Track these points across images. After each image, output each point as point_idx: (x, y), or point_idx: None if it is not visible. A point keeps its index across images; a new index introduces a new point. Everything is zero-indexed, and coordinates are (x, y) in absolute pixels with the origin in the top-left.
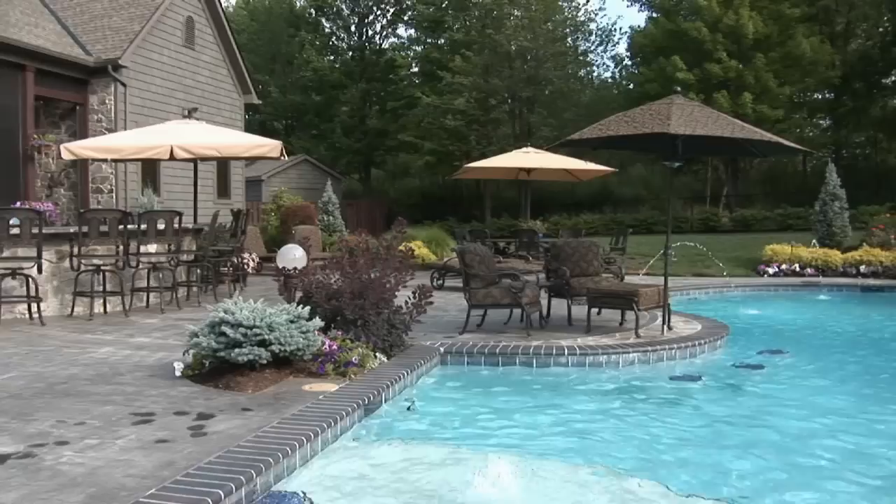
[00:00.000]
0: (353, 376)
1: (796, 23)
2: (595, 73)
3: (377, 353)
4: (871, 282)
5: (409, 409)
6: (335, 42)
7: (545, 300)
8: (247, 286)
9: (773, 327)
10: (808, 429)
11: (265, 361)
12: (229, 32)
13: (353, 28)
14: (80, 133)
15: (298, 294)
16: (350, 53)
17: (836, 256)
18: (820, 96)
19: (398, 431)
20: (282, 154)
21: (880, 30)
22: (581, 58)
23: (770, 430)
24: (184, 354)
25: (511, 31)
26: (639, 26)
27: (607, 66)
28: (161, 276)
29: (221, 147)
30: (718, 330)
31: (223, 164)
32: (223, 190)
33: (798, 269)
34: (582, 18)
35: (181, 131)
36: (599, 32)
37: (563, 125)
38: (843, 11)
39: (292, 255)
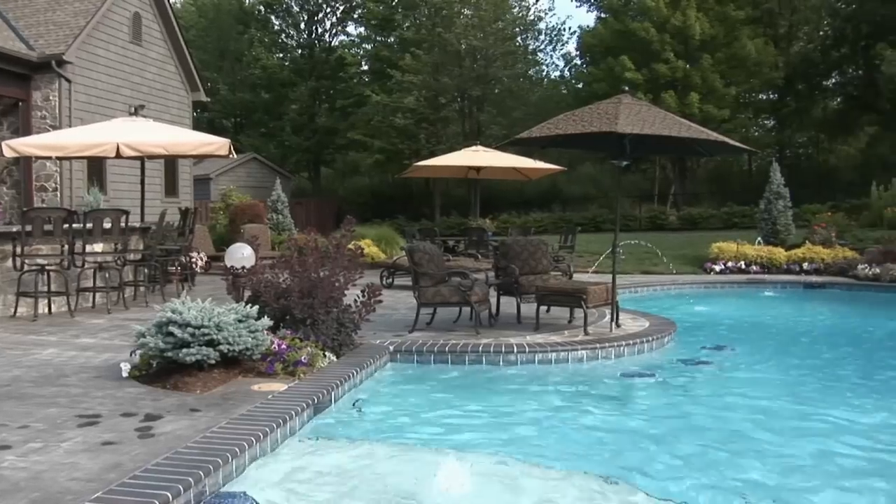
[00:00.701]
0: (302, 376)
1: (741, 25)
2: (544, 73)
3: (326, 353)
4: (814, 279)
5: (355, 406)
6: (284, 40)
7: (494, 298)
8: (195, 285)
9: (719, 324)
10: (753, 422)
11: (213, 361)
12: (177, 29)
13: (302, 26)
14: (23, 130)
15: (247, 293)
16: (299, 51)
17: (780, 254)
18: (764, 97)
19: (348, 430)
20: (230, 152)
21: (821, 33)
22: (530, 57)
23: (717, 425)
24: (131, 355)
25: (461, 30)
26: (588, 26)
27: (556, 65)
28: (107, 275)
29: (169, 145)
30: (666, 327)
31: (171, 163)
32: (171, 188)
33: (744, 266)
34: (531, 18)
35: (128, 129)
36: (549, 32)
37: (512, 124)
38: (785, 15)
39: (241, 254)
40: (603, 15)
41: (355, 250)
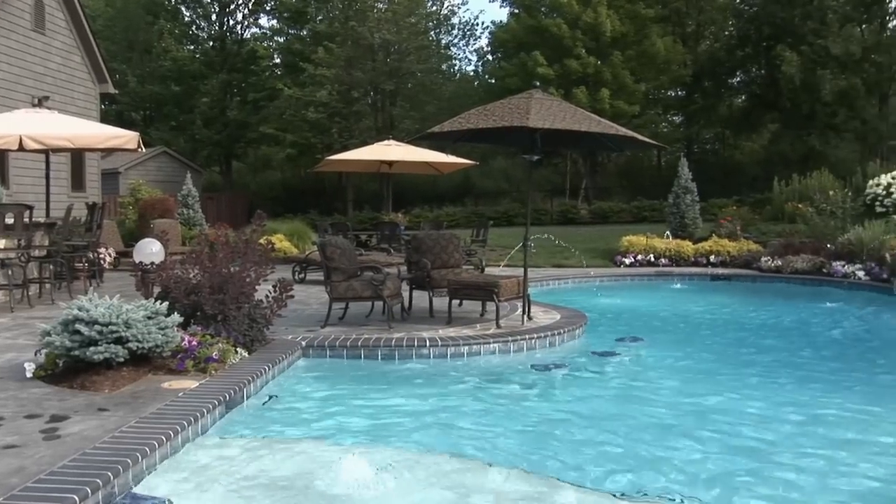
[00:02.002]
0: (213, 372)
1: (651, 23)
2: (457, 67)
3: (238, 349)
4: (720, 271)
5: (267, 403)
6: (195, 31)
7: (407, 292)
8: (103, 282)
9: (629, 316)
10: (663, 410)
11: (122, 359)
12: (83, 17)
13: (213, 17)
14: None
15: (157, 289)
16: (210, 43)
17: (688, 247)
18: (673, 94)
19: (260, 427)
20: (139, 146)
21: (726, 33)
22: (444, 52)
23: (628, 413)
24: (36, 354)
25: (374, 24)
26: (501, 21)
27: (470, 60)
28: (10, 272)
29: (75, 138)
30: (577, 319)
31: (77, 156)
32: (78, 183)
33: (653, 259)
34: (445, 12)
35: (31, 120)
36: (462, 27)
37: (425, 118)
38: (693, 14)
39: (150, 250)
40: (515, 10)
41: (266, 245)
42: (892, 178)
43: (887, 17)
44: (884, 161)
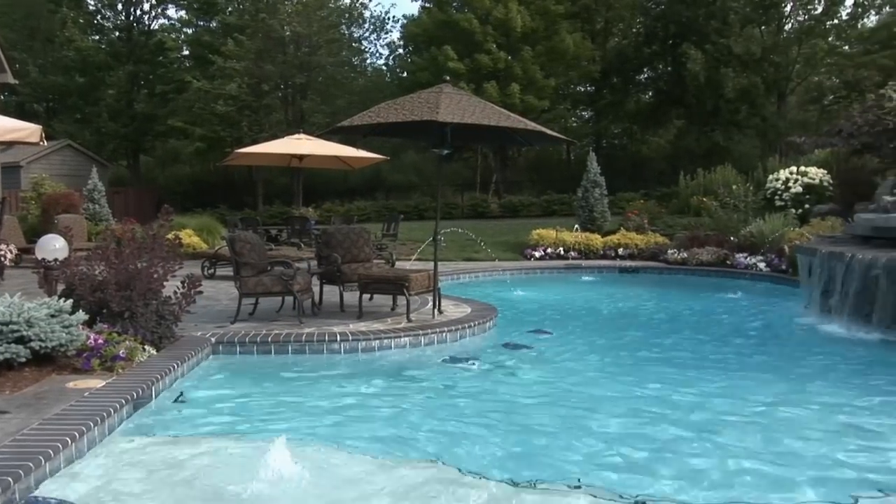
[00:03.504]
0: (121, 371)
1: (561, 19)
2: (368, 61)
3: (146, 346)
4: (628, 263)
5: (176, 401)
6: (100, 21)
7: (317, 287)
8: (4, 280)
9: (540, 308)
10: (572, 400)
11: (24, 359)
12: None
13: (119, 6)
14: None
15: (60, 287)
16: (116, 33)
17: (596, 240)
18: (582, 89)
19: (170, 425)
20: (41, 139)
21: (634, 30)
22: (355, 45)
23: (538, 404)
24: None
25: (285, 17)
26: (412, 15)
27: (381, 54)
28: None
29: None
30: (487, 312)
31: None
32: None
33: (562, 252)
34: (356, 5)
35: None
36: (373, 20)
37: (336, 112)
38: (602, 11)
39: (53, 246)
40: (427, 5)
41: (174, 241)
42: (790, 174)
43: (784, 20)
44: (782, 157)
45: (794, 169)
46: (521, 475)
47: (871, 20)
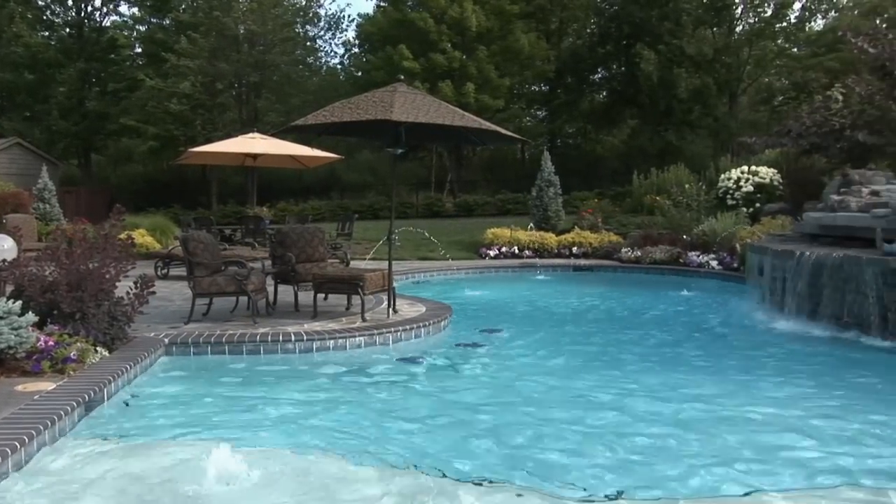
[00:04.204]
0: (72, 373)
1: (516, 19)
2: (323, 60)
3: (98, 348)
4: (582, 262)
5: (129, 403)
6: (50, 17)
7: (272, 287)
8: None
9: (494, 307)
10: (525, 397)
11: None
12: None
13: (70, 2)
14: None
15: (9, 288)
16: (67, 30)
17: (551, 239)
18: (537, 89)
19: (123, 428)
20: None
21: (588, 31)
22: (309, 44)
23: (492, 402)
24: None
25: (239, 15)
26: (367, 14)
27: (336, 52)
28: None
29: None
30: (442, 311)
31: None
32: None
33: (517, 251)
34: (311, 4)
35: None
36: (328, 19)
37: (290, 111)
38: (556, 11)
39: (1, 247)
40: (382, 4)
41: (126, 241)
42: (742, 173)
43: (735, 22)
44: (734, 157)
45: (745, 168)
46: (463, 472)
47: (818, 24)
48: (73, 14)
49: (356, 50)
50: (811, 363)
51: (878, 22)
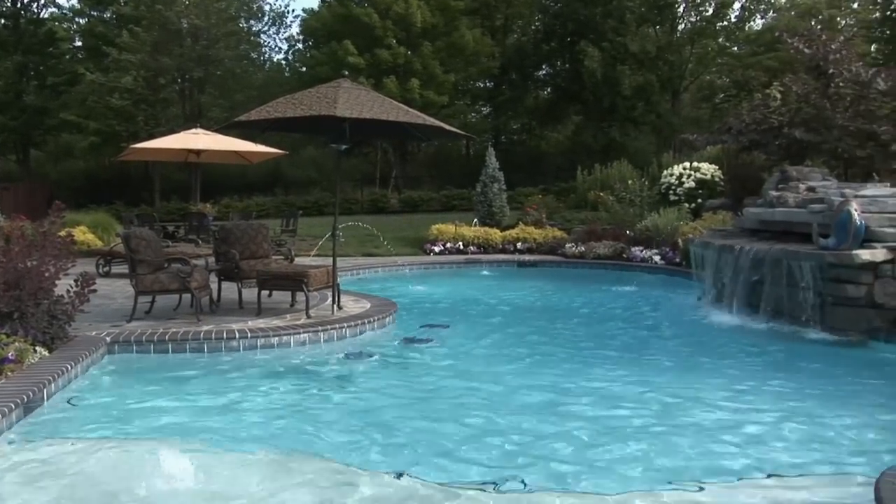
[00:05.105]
0: (10, 374)
1: (461, 15)
2: (267, 55)
3: (38, 347)
4: (527, 257)
5: (70, 402)
6: None
7: (215, 284)
8: None
9: (439, 302)
10: (470, 393)
11: None
12: None
13: None
14: None
15: None
16: (2, 21)
17: (495, 235)
18: (481, 85)
19: (64, 429)
20: None
21: (533, 27)
22: (253, 39)
23: (437, 397)
24: None
25: (182, 8)
26: (312, 9)
27: (280, 48)
28: None
29: None
30: (387, 307)
31: None
32: None
33: (462, 247)
34: None
35: None
36: (272, 14)
37: (234, 106)
38: (501, 8)
39: None
40: None
41: (66, 238)
42: (684, 169)
43: (677, 20)
44: (676, 153)
45: (687, 165)
46: (409, 467)
47: (758, 24)
48: (8, 5)
49: (300, 45)
50: (750, 355)
51: (812, 23)
